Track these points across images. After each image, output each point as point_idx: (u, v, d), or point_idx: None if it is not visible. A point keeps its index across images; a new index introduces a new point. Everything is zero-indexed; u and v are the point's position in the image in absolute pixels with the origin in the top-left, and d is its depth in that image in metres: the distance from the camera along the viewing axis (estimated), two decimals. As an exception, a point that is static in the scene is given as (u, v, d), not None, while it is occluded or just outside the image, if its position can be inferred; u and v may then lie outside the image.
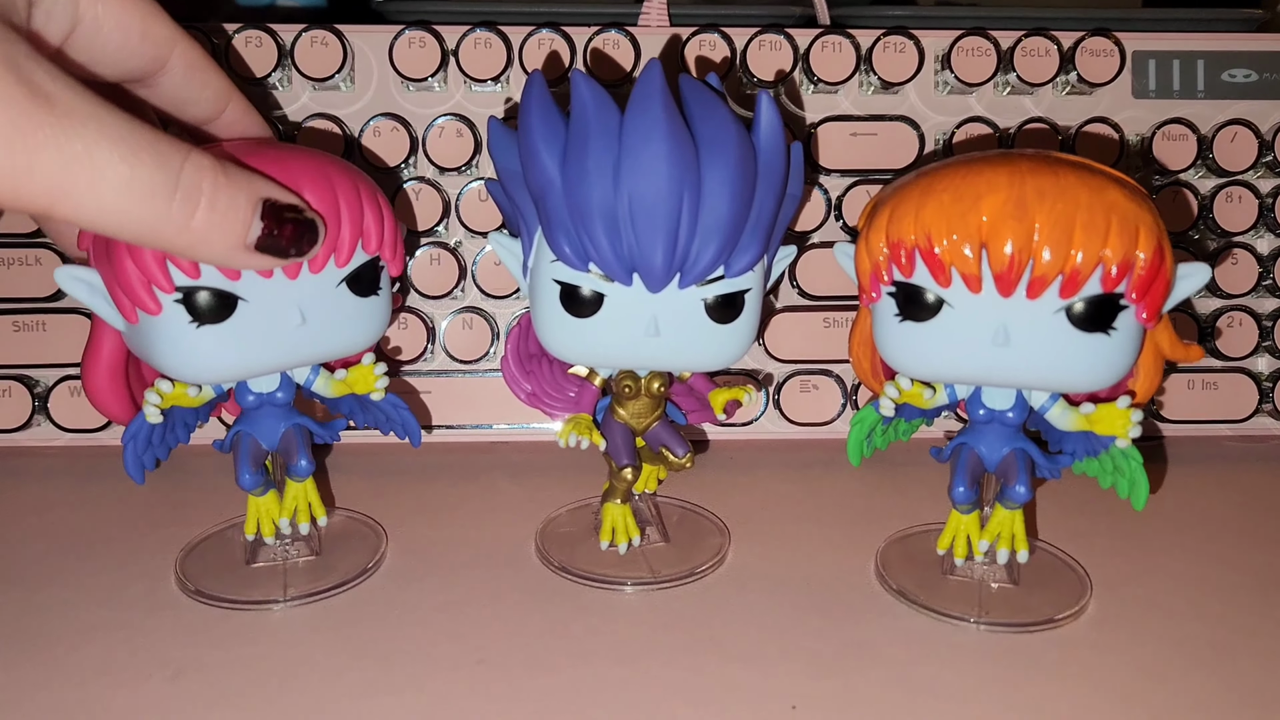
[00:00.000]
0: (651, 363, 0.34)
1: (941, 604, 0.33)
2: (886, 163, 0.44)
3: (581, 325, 0.32)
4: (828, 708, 0.29)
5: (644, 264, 0.30)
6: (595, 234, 0.30)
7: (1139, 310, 0.29)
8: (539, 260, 0.33)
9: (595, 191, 0.30)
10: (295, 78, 0.43)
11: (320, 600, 0.34)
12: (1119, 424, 0.31)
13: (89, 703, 0.29)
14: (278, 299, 0.31)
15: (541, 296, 0.33)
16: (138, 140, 0.24)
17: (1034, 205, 0.28)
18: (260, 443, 0.34)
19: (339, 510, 0.40)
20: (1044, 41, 0.44)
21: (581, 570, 0.35)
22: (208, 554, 0.36)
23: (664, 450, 0.35)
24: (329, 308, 0.32)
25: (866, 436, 0.34)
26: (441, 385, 0.45)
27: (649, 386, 0.35)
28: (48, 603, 0.34)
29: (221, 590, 0.34)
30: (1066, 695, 0.30)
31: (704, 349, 0.33)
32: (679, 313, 0.32)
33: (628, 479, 0.36)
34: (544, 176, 0.31)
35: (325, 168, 0.31)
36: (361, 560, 0.36)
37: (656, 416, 0.36)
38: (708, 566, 0.36)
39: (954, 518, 0.34)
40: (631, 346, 0.32)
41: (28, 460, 0.44)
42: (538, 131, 0.31)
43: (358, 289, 0.32)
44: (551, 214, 0.31)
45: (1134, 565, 0.36)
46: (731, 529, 0.39)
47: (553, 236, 0.31)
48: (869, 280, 0.31)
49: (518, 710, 0.29)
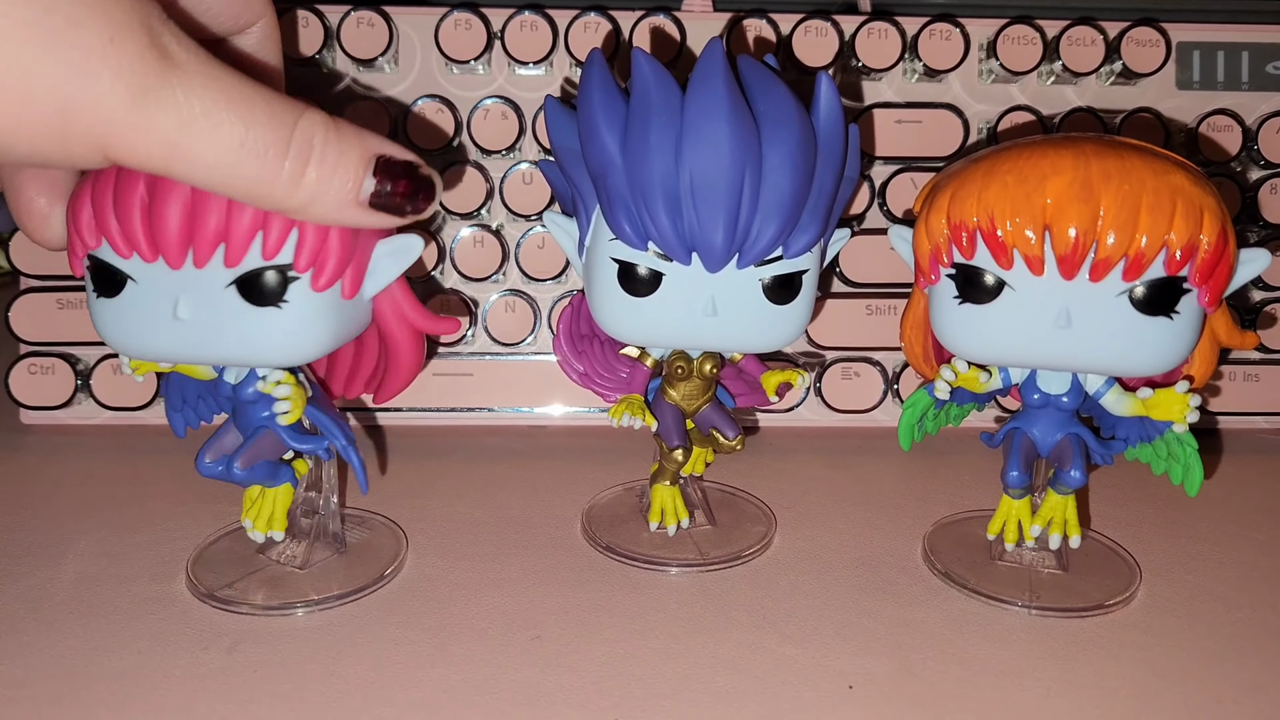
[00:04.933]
0: (708, 343, 0.34)
1: (992, 588, 0.33)
2: (931, 150, 0.44)
3: (639, 304, 0.32)
4: (885, 687, 0.29)
5: (704, 242, 0.30)
6: (656, 212, 0.30)
7: (1201, 294, 0.29)
8: (597, 239, 0.33)
9: (657, 169, 0.30)
10: (340, 58, 0.43)
11: (351, 602, 0.33)
12: (1176, 409, 0.31)
13: (149, 669, 0.29)
14: (162, 287, 0.29)
15: (599, 275, 0.33)
16: (253, 101, 0.24)
17: (1099, 187, 0.28)
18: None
19: (349, 510, 0.39)
20: (1090, 31, 0.44)
21: (628, 550, 0.36)
22: (218, 553, 0.35)
23: (714, 432, 0.35)
24: (212, 308, 0.29)
25: (918, 421, 0.34)
26: (484, 367, 0.45)
27: (701, 368, 0.35)
28: (99, 575, 0.34)
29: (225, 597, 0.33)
30: (1123, 674, 0.30)
31: (760, 330, 0.33)
32: (736, 293, 0.32)
33: (679, 460, 0.35)
34: (604, 154, 0.31)
35: None
36: (380, 565, 0.35)
37: (707, 399, 0.36)
38: (754, 550, 0.36)
39: (1005, 502, 0.34)
40: (688, 326, 0.32)
41: (71, 438, 0.44)
42: (599, 108, 0.31)
43: (250, 296, 0.28)
44: (611, 192, 0.31)
45: (1181, 552, 0.36)
46: (777, 513, 0.39)
47: (612, 214, 0.31)
48: (928, 262, 0.31)
49: (574, 681, 0.29)
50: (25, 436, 0.44)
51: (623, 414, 0.35)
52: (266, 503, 0.34)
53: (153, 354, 0.30)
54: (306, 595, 0.33)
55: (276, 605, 0.32)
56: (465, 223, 0.44)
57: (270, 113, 0.25)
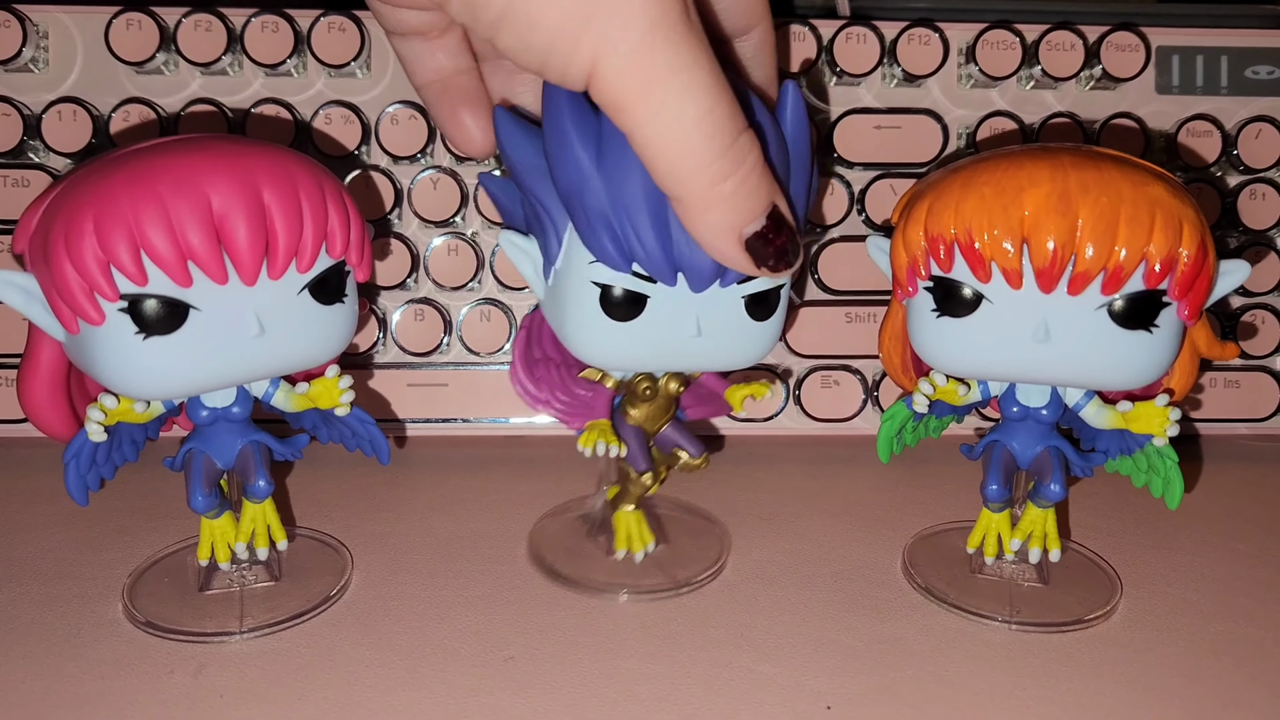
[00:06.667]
0: (690, 363, 0.33)
1: (972, 602, 0.33)
2: (910, 156, 0.44)
3: (622, 329, 0.31)
4: (863, 707, 0.29)
5: (692, 263, 0.29)
6: (643, 231, 0.29)
7: (1181, 307, 0.29)
8: (570, 262, 0.31)
9: (641, 186, 0.28)
10: (311, 64, 0.43)
11: (286, 628, 0.32)
12: (1156, 422, 0.31)
13: (112, 695, 0.29)
14: (234, 308, 0.28)
15: (574, 300, 0.31)
16: (725, 90, 0.26)
17: (1077, 200, 0.28)
18: (215, 461, 0.32)
19: (300, 530, 0.37)
20: (1069, 35, 0.43)
21: (584, 580, 0.34)
22: (158, 579, 0.34)
23: (677, 451, 0.35)
24: (289, 316, 0.29)
25: (897, 433, 0.34)
26: (459, 377, 0.44)
27: (666, 387, 0.34)
28: (62, 595, 0.33)
29: (172, 620, 0.32)
30: (1104, 692, 0.29)
31: (741, 347, 0.32)
32: (720, 312, 0.31)
33: (646, 484, 0.34)
34: (578, 170, 0.29)
35: (286, 164, 0.29)
36: (328, 584, 0.34)
37: (669, 418, 0.35)
38: (707, 575, 0.35)
39: (985, 516, 0.34)
40: (674, 348, 0.31)
41: (34, 450, 0.43)
42: (570, 120, 0.28)
43: (321, 296, 0.30)
44: (590, 211, 0.29)
45: (1163, 564, 0.36)
46: (754, 525, 0.38)
47: (593, 235, 0.29)
48: (905, 274, 0.31)
49: (547, 703, 0.28)
50: (-11, 450, 0.44)
51: (595, 442, 0.33)
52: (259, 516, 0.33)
53: (222, 379, 0.30)
54: (275, 615, 0.32)
55: (248, 627, 0.32)
56: (438, 230, 0.44)
57: (731, 110, 0.26)
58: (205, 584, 0.33)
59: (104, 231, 0.26)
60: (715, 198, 0.26)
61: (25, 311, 0.28)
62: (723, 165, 0.26)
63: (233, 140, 0.29)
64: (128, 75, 0.43)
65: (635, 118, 0.25)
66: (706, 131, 0.26)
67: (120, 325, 0.27)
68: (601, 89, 0.25)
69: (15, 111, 0.42)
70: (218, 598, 0.33)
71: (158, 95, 0.43)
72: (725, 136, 0.26)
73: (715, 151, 0.26)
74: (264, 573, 0.34)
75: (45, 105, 0.42)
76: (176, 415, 0.33)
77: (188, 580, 0.34)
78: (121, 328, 0.27)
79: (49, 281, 0.27)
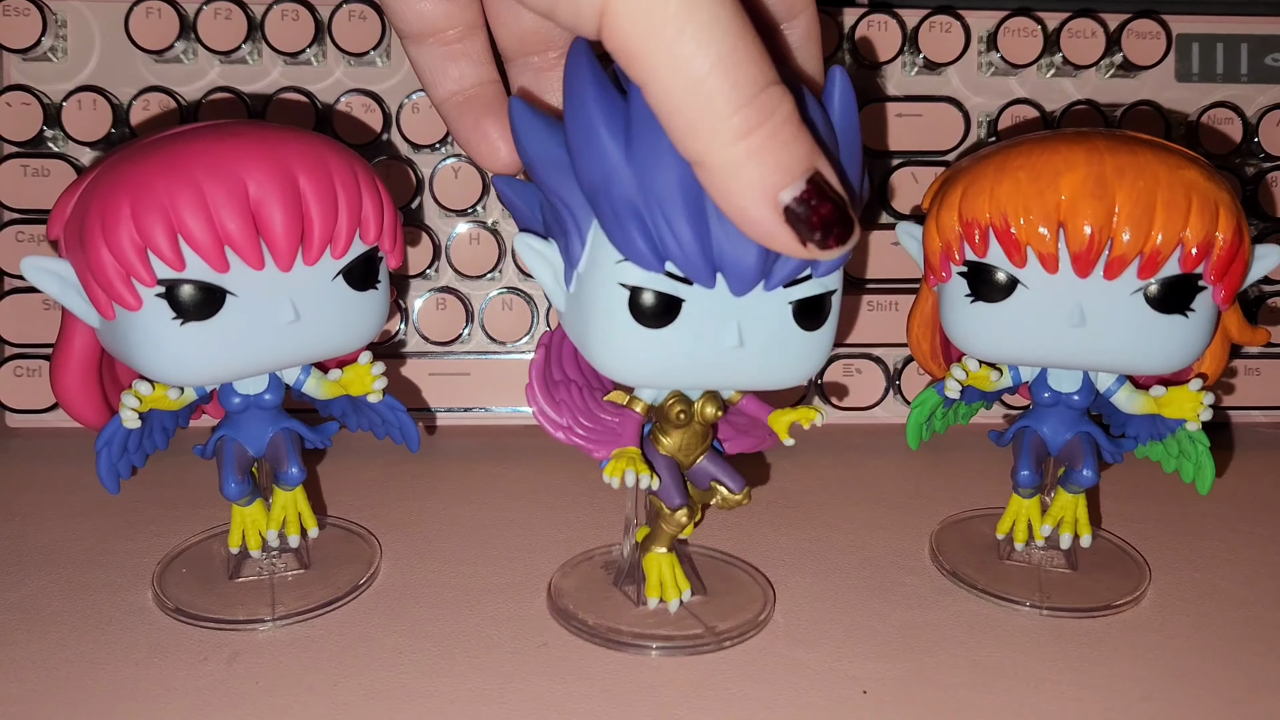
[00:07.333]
0: (729, 378, 0.29)
1: (1001, 588, 0.33)
2: (931, 144, 0.44)
3: (654, 338, 0.27)
4: (899, 690, 0.29)
5: (734, 260, 0.26)
6: (678, 224, 0.26)
7: (1216, 291, 0.29)
8: (595, 263, 0.28)
9: (675, 173, 0.25)
10: (331, 52, 0.42)
11: (317, 616, 0.32)
12: (1189, 407, 0.31)
13: (146, 682, 0.28)
14: (269, 293, 0.28)
15: (599, 306, 0.28)
16: (743, 39, 0.23)
17: (1114, 184, 0.28)
18: (247, 448, 0.32)
19: (327, 518, 0.37)
20: (1090, 23, 0.43)
21: (613, 633, 0.31)
22: (187, 567, 0.34)
23: (716, 485, 0.31)
24: (323, 302, 0.29)
25: (926, 420, 0.34)
26: (480, 366, 0.44)
27: (703, 411, 0.30)
28: (92, 583, 0.33)
29: (203, 608, 0.31)
30: (1136, 677, 0.29)
31: (788, 360, 0.29)
32: (764, 319, 0.28)
33: (681, 522, 0.31)
34: (605, 160, 0.26)
35: (320, 149, 0.29)
36: (357, 572, 0.34)
37: (705, 448, 0.31)
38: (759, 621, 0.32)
39: (1014, 502, 0.34)
40: (712, 360, 0.28)
41: (57, 441, 0.43)
42: (595, 106, 0.26)
43: (355, 282, 0.30)
44: (617, 203, 0.26)
45: (1189, 549, 0.36)
46: (779, 512, 0.38)
47: (622, 230, 0.26)
48: (939, 260, 0.31)
49: (586, 688, 0.28)
50: (11, 440, 0.43)
51: (624, 471, 0.29)
52: (290, 503, 0.33)
53: (257, 366, 0.29)
54: (306, 603, 0.32)
55: (279, 615, 0.31)
56: (461, 219, 0.43)
57: (757, 56, 0.23)
58: (235, 572, 0.33)
59: (141, 216, 0.26)
60: (742, 154, 0.24)
61: (60, 298, 0.28)
62: (748, 116, 0.23)
63: (266, 126, 0.29)
64: (146, 64, 0.42)
65: (648, 64, 0.23)
66: (728, 76, 0.23)
67: (157, 311, 0.27)
68: (613, 31, 0.23)
69: (35, 100, 0.41)
70: (248, 585, 0.33)
71: (176, 84, 0.42)
72: (750, 85, 0.23)
73: (738, 100, 0.23)
74: (294, 560, 0.34)
75: (65, 94, 0.42)
76: (207, 403, 0.33)
77: (216, 568, 0.34)
78: (158, 313, 0.27)
79: (85, 267, 0.27)
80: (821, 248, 0.24)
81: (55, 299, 0.28)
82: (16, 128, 0.42)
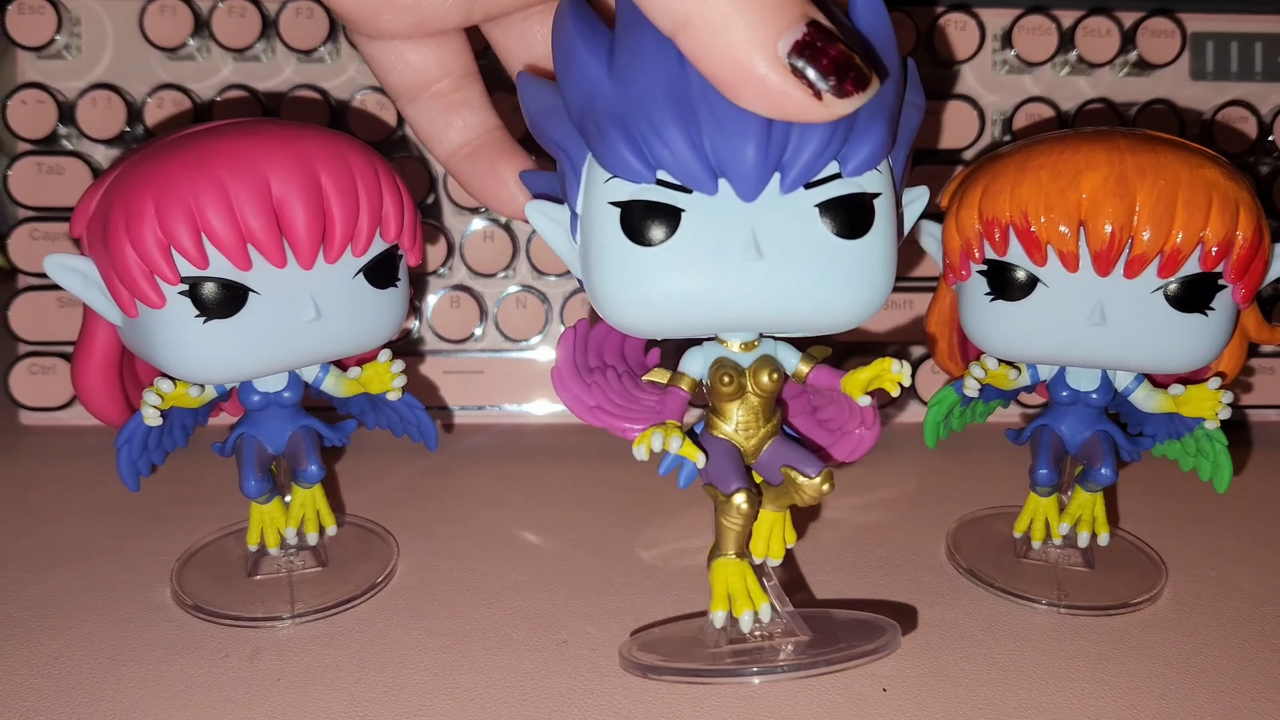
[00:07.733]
0: (753, 311, 0.25)
1: (1019, 586, 0.33)
2: (945, 142, 0.44)
3: (650, 258, 0.24)
4: (918, 688, 0.29)
5: (731, 158, 0.23)
6: (663, 124, 0.23)
7: (1236, 290, 0.29)
8: (590, 193, 0.25)
9: (657, 70, 0.23)
10: (345, 49, 0.42)
11: (336, 613, 0.32)
12: (1208, 405, 0.31)
13: (168, 678, 0.29)
14: (291, 291, 0.28)
15: (595, 235, 0.25)
16: None
17: (1135, 182, 0.28)
18: (266, 446, 0.32)
19: (344, 516, 0.37)
20: (1105, 21, 0.43)
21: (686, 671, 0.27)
22: (205, 564, 0.34)
23: (789, 472, 0.27)
24: (344, 300, 0.29)
25: (944, 418, 0.34)
26: (495, 365, 0.44)
27: (756, 378, 0.27)
28: (111, 580, 0.33)
29: (222, 605, 0.31)
30: (1154, 674, 0.29)
31: (832, 275, 0.24)
32: (785, 225, 0.24)
33: (742, 509, 0.27)
34: (588, 77, 0.24)
35: (341, 147, 0.29)
36: (374, 570, 0.34)
37: (771, 429, 0.27)
38: None
39: (1032, 500, 0.34)
40: (723, 280, 0.24)
41: (72, 438, 0.43)
42: (575, 31, 0.24)
43: (375, 280, 0.30)
44: (600, 115, 0.24)
45: (1204, 548, 0.36)
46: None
47: (607, 144, 0.24)
48: (959, 258, 0.31)
49: (605, 685, 0.28)
50: (25, 438, 0.43)
51: (652, 436, 0.26)
52: (309, 501, 0.33)
53: (278, 363, 0.29)
54: (325, 600, 0.32)
55: (298, 612, 0.31)
56: (475, 216, 0.43)
57: None
58: (254, 569, 0.33)
59: (165, 214, 0.26)
60: (728, 7, 0.21)
61: (82, 295, 0.28)
62: None
63: (287, 124, 0.29)
64: (160, 61, 0.42)
65: None
66: None
67: (180, 308, 0.27)
68: None
69: (50, 98, 0.42)
70: (266, 583, 0.33)
71: (190, 81, 0.43)
72: None
73: None
74: (312, 558, 0.34)
75: (79, 92, 0.42)
76: (227, 400, 0.33)
77: (234, 565, 0.34)
78: (181, 311, 0.27)
79: (108, 264, 0.27)
80: (840, 95, 0.22)
81: (77, 296, 0.29)
82: (31, 125, 0.42)
